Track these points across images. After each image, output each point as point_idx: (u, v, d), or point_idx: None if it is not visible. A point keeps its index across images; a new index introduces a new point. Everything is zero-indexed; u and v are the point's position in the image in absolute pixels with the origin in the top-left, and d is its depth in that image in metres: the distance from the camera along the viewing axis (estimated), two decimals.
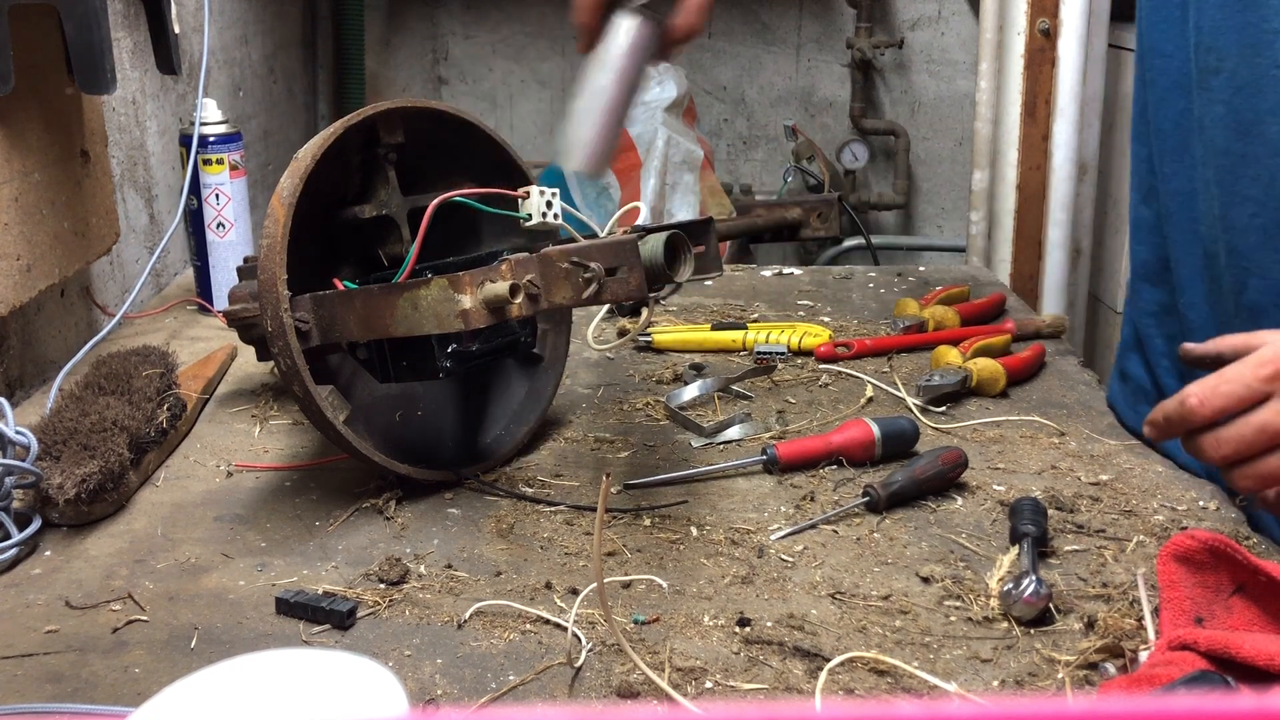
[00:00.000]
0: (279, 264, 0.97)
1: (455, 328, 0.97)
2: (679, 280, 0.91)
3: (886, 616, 0.88)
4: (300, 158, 1.01)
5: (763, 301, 1.66)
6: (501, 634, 0.85)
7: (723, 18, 3.15)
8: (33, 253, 1.26)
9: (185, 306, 1.64)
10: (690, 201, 2.58)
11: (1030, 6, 2.39)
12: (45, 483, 0.98)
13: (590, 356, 1.43)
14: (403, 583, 0.92)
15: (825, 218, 2.79)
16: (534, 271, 0.94)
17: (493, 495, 1.08)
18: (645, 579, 0.92)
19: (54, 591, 0.91)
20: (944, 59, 3.17)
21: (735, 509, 1.05)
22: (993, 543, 0.98)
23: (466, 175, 1.14)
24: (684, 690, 0.79)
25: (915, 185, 3.25)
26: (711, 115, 3.22)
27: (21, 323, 1.34)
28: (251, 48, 2.39)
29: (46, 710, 0.76)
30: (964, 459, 1.08)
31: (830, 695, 0.78)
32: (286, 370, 0.98)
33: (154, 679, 0.80)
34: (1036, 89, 2.43)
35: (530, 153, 3.14)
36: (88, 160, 1.41)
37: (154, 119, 1.76)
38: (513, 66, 3.18)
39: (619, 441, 1.20)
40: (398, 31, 3.17)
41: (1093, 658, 0.81)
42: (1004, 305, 1.61)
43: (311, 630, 0.86)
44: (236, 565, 0.96)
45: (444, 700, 0.78)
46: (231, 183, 1.58)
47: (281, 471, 1.13)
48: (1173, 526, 1.00)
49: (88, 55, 1.24)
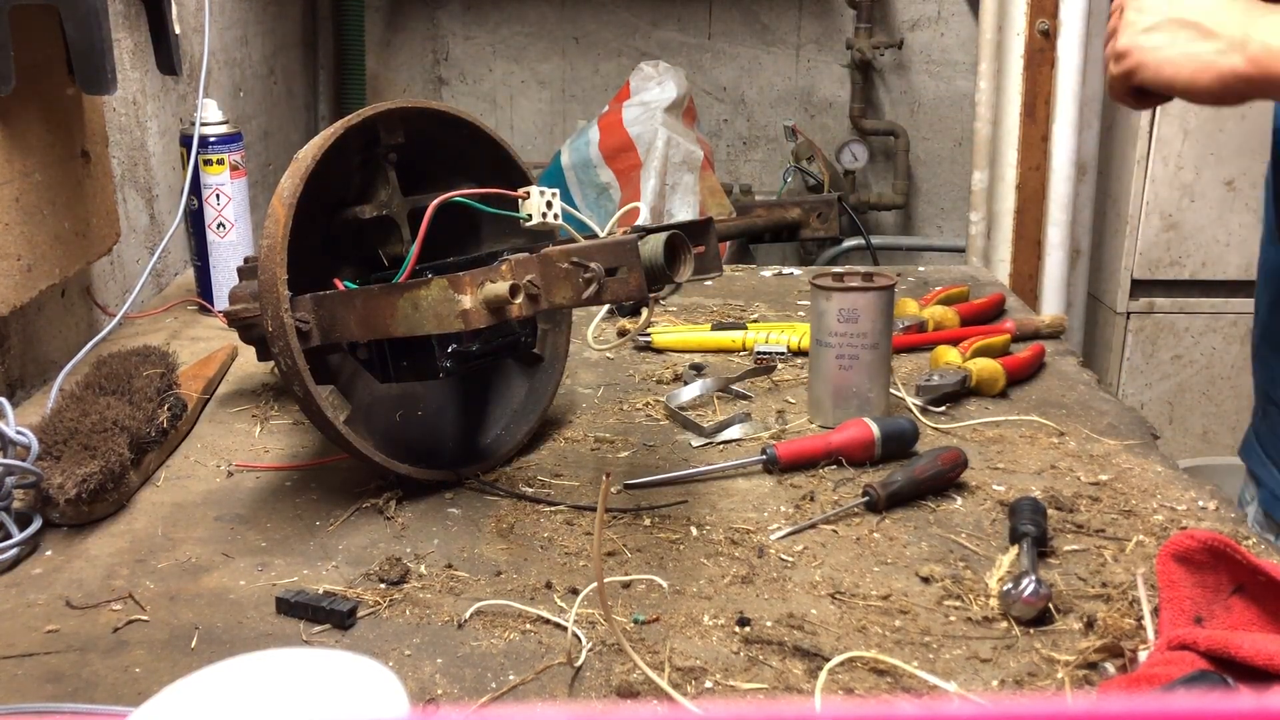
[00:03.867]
0: (279, 264, 0.97)
1: (455, 328, 0.97)
2: (679, 280, 0.91)
3: (886, 616, 0.88)
4: (301, 158, 1.01)
5: (763, 301, 1.67)
6: (501, 634, 0.85)
7: (723, 18, 3.15)
8: (33, 253, 1.26)
9: (186, 306, 1.64)
10: (690, 202, 2.58)
11: (1030, 7, 2.39)
12: (46, 483, 0.98)
13: (590, 356, 1.43)
14: (403, 582, 0.92)
15: (825, 218, 2.79)
16: (534, 271, 0.94)
17: (493, 495, 1.08)
18: (645, 579, 0.92)
19: (54, 591, 0.91)
20: (944, 59, 3.18)
21: (735, 509, 1.05)
22: (992, 543, 0.99)
23: (466, 175, 1.14)
24: (684, 690, 0.79)
25: (915, 185, 3.26)
26: (711, 115, 3.22)
27: (22, 323, 1.34)
28: (252, 48, 2.39)
29: (46, 710, 0.76)
30: (963, 459, 1.08)
31: (830, 695, 0.78)
32: (287, 370, 0.98)
33: (154, 679, 0.80)
34: (1036, 89, 2.43)
35: (530, 153, 3.15)
36: (88, 160, 1.41)
37: (154, 119, 1.76)
38: (513, 66, 3.19)
39: (619, 441, 1.20)
40: (398, 32, 3.18)
41: (1092, 658, 0.81)
42: (1003, 305, 1.61)
43: (312, 630, 0.86)
44: (237, 565, 0.96)
45: (444, 700, 0.78)
46: (232, 183, 1.58)
47: (282, 471, 1.13)
48: (1172, 526, 1.00)
49: (88, 55, 1.24)
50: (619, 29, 3.15)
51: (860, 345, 1.19)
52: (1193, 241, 2.56)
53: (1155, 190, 2.51)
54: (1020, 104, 2.43)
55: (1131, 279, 2.59)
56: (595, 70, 3.18)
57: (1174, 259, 2.57)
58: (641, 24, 3.15)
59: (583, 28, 3.14)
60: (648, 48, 3.15)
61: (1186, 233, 2.55)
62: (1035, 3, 2.38)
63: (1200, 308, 2.62)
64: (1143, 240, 2.56)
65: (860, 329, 1.19)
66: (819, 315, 1.21)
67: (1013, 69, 2.43)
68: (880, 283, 1.20)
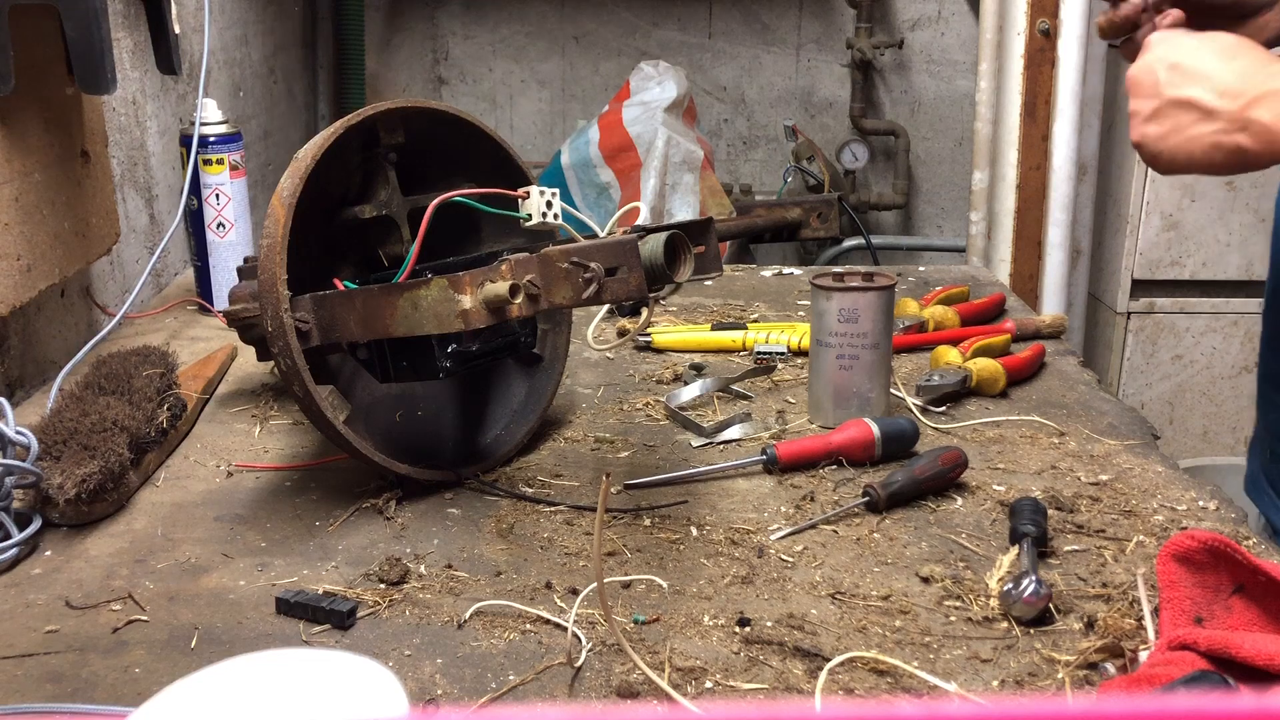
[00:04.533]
0: (279, 264, 0.97)
1: (455, 328, 0.97)
2: (679, 280, 0.91)
3: (886, 616, 0.88)
4: (300, 158, 1.01)
5: (763, 301, 1.67)
6: (501, 634, 0.85)
7: (723, 18, 3.15)
8: (33, 253, 1.26)
9: (185, 306, 1.64)
10: (690, 201, 2.58)
11: (1030, 7, 2.39)
12: (45, 483, 0.98)
13: (590, 356, 1.43)
14: (403, 583, 0.92)
15: (825, 218, 2.79)
16: (534, 271, 0.94)
17: (493, 495, 1.08)
18: (645, 579, 0.92)
19: (54, 591, 0.91)
20: (944, 59, 3.17)
21: (735, 509, 1.05)
22: (993, 543, 0.98)
23: (466, 175, 1.14)
24: (684, 690, 0.79)
25: (915, 185, 3.25)
26: (711, 115, 3.22)
27: (22, 323, 1.34)
28: (252, 48, 2.39)
29: (46, 710, 0.76)
30: (964, 459, 1.08)
31: (830, 695, 0.78)
32: (286, 370, 0.98)
33: (154, 679, 0.80)
34: (1036, 89, 2.43)
35: (530, 153, 3.15)
36: (88, 160, 1.41)
37: (154, 119, 1.76)
38: (513, 66, 3.18)
39: (619, 441, 1.20)
40: (398, 31, 3.17)
41: (1093, 658, 0.81)
42: (1004, 305, 1.61)
43: (311, 630, 0.86)
44: (236, 565, 0.96)
45: (444, 700, 0.78)
46: (231, 183, 1.58)
47: (281, 471, 1.13)
48: (1172, 526, 1.00)
49: (88, 55, 1.24)
50: (619, 28, 3.15)
51: (860, 345, 1.19)
52: (1193, 241, 2.56)
53: (1155, 190, 2.51)
54: (1020, 104, 2.43)
55: (1132, 279, 2.59)
56: (595, 70, 3.18)
57: (1174, 259, 2.57)
58: (641, 23, 3.15)
59: (583, 27, 3.14)
60: (648, 47, 3.15)
61: (1187, 233, 2.54)
62: (1036, 2, 2.38)
63: (1201, 308, 2.62)
64: (1143, 240, 2.56)
65: (860, 329, 1.19)
66: (819, 315, 1.21)
67: (1013, 69, 2.43)
68: (880, 283, 1.20)
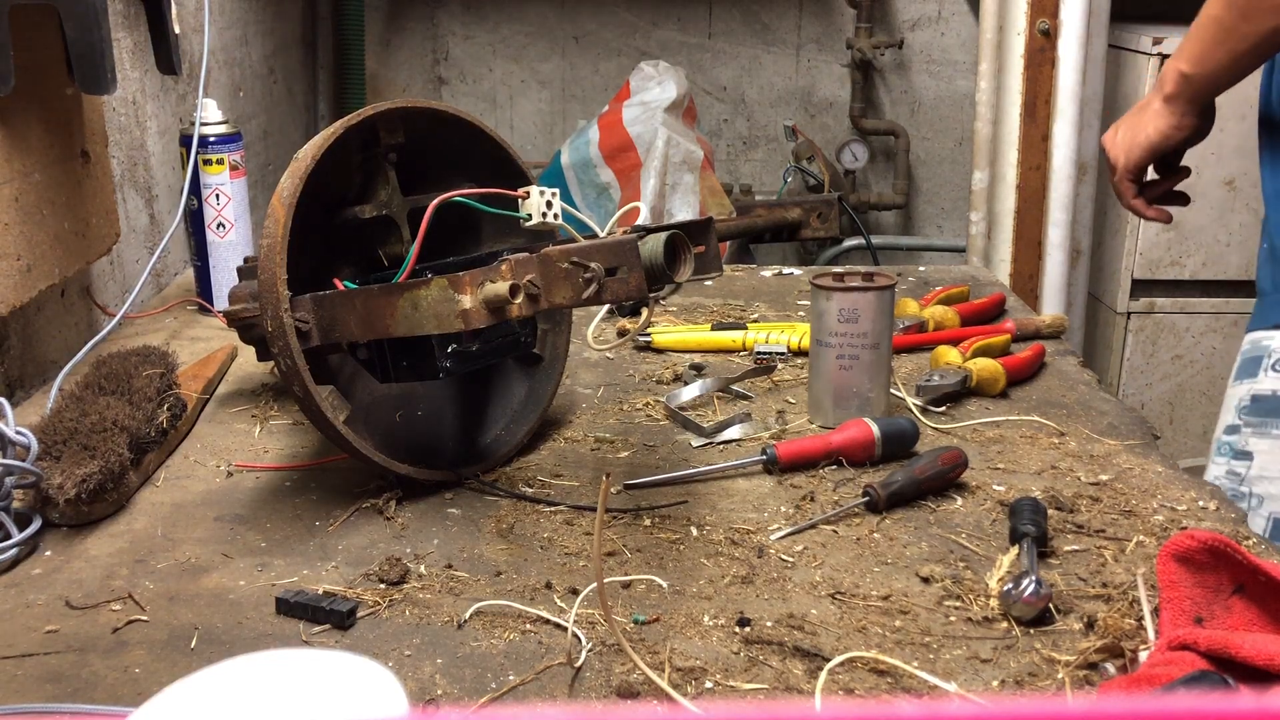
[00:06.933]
0: (279, 264, 0.97)
1: (455, 328, 0.97)
2: (679, 280, 0.91)
3: (886, 616, 0.88)
4: (300, 158, 1.01)
5: (763, 301, 1.67)
6: (501, 634, 0.85)
7: (723, 18, 3.15)
8: (33, 253, 1.26)
9: (185, 306, 1.64)
10: (690, 201, 2.58)
11: (1030, 7, 2.39)
12: (45, 483, 0.98)
13: (590, 356, 1.43)
14: (403, 583, 0.92)
15: (825, 218, 2.79)
16: (534, 271, 0.94)
17: (493, 495, 1.08)
18: (645, 579, 0.92)
19: (54, 591, 0.91)
20: (944, 59, 3.17)
21: (735, 509, 1.05)
22: (993, 543, 0.98)
23: (466, 175, 1.14)
24: (684, 690, 0.79)
25: (915, 185, 3.25)
26: (711, 115, 3.22)
27: (22, 323, 1.34)
28: (252, 48, 2.39)
29: (46, 710, 0.76)
30: (964, 459, 1.08)
31: (830, 695, 0.78)
32: (286, 370, 0.98)
33: (154, 679, 0.80)
34: (1036, 89, 2.43)
35: (530, 153, 3.15)
36: (88, 160, 1.41)
37: (154, 119, 1.76)
38: (513, 66, 3.18)
39: (619, 441, 1.20)
40: (398, 31, 3.17)
41: (1093, 658, 0.81)
42: (1004, 305, 1.61)
43: (311, 630, 0.86)
44: (236, 565, 0.96)
45: (444, 700, 0.78)
46: (231, 183, 1.58)
47: (281, 471, 1.13)
48: (1172, 526, 1.00)
49: (88, 55, 1.24)
50: (619, 29, 3.15)
51: (860, 345, 1.19)
52: (1193, 241, 2.56)
53: None
54: (1020, 104, 2.43)
55: (1132, 279, 2.59)
56: (595, 70, 3.18)
57: (1174, 259, 2.57)
58: (641, 23, 3.15)
59: (583, 27, 3.14)
60: (648, 47, 3.15)
61: (1187, 233, 2.54)
62: (1036, 2, 2.38)
63: (1200, 308, 2.62)
64: (1143, 240, 2.56)
65: (860, 329, 1.19)
66: (819, 315, 1.21)
67: (1013, 69, 2.43)
68: (880, 283, 1.20)
